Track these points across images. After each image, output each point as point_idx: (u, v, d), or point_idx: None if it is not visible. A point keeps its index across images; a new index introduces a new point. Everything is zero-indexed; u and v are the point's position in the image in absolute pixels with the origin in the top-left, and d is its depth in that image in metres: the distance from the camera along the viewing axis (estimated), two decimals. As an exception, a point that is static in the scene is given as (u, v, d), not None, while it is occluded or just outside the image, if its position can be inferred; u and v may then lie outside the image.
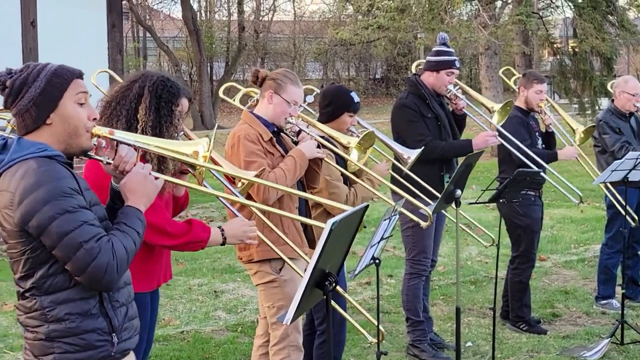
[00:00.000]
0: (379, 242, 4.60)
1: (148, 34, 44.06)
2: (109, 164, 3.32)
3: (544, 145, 7.69)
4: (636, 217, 7.78)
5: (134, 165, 3.32)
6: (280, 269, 5.16)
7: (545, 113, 7.61)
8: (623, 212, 7.53)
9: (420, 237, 6.89)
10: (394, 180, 6.30)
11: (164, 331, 7.64)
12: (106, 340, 3.22)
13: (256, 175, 4.76)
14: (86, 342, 3.17)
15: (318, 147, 5.26)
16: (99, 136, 3.30)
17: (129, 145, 3.34)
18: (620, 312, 7.36)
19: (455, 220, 5.87)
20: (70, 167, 3.21)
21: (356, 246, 8.67)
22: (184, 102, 4.31)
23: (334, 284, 3.17)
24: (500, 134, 7.06)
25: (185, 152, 3.59)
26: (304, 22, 52.50)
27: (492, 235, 6.95)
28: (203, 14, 51.55)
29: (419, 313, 7.03)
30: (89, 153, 3.31)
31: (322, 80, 50.11)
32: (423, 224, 5.57)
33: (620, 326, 7.19)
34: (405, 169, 6.20)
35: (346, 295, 4.31)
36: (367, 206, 3.20)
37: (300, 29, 52.03)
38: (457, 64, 6.95)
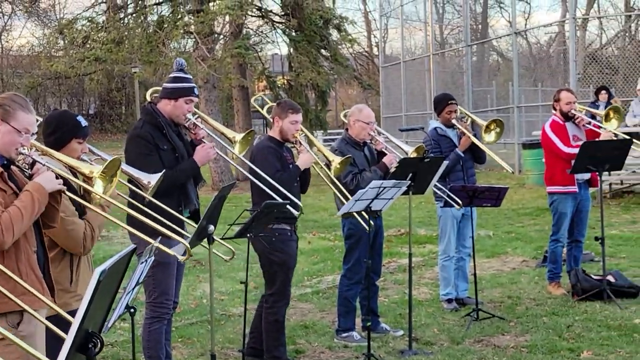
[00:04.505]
0: (134, 288, 4.10)
1: None
2: None
3: (298, 179, 7.40)
4: None
5: None
6: (19, 324, 4.45)
7: (300, 144, 7.33)
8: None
9: (161, 278, 6.39)
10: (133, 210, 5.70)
11: None
12: None
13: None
14: None
15: (57, 178, 4.64)
16: None
17: None
18: (362, 344, 7.28)
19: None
20: None
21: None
22: None
23: (98, 347, 2.63)
24: (249, 168, 6.77)
25: None
26: (12, 56, 50.61)
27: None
28: None
29: (161, 360, 6.55)
30: None
31: (32, 116, 48.40)
32: (181, 258, 5.07)
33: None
34: (148, 196, 5.67)
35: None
36: (135, 248, 2.73)
37: (8, 63, 50.10)
38: (197, 91, 6.56)
